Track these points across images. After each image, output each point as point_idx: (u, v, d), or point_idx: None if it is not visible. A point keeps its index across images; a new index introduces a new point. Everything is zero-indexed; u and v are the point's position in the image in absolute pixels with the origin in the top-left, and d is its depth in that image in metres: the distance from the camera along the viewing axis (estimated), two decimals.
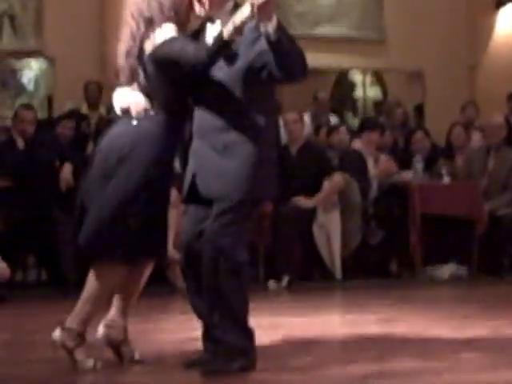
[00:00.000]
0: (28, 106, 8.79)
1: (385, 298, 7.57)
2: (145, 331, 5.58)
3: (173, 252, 7.90)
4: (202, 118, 4.22)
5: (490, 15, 12.60)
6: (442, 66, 12.13)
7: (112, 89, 4.47)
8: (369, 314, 6.39)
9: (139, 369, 4.43)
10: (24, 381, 4.27)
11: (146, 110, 4.26)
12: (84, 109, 9.77)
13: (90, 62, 10.43)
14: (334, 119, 10.43)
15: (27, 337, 5.73)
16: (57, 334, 4.28)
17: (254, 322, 5.89)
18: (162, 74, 4.14)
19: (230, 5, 4.13)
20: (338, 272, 8.65)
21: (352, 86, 12.55)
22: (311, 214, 8.49)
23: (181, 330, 5.67)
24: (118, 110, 4.34)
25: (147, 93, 4.24)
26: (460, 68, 12.36)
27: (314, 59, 11.18)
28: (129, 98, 4.27)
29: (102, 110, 9.62)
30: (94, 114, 9.65)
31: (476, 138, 9.91)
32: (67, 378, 4.29)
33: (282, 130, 9.22)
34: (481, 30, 12.56)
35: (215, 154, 4.17)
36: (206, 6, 4.14)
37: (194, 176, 4.23)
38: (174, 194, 8.40)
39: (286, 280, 8.12)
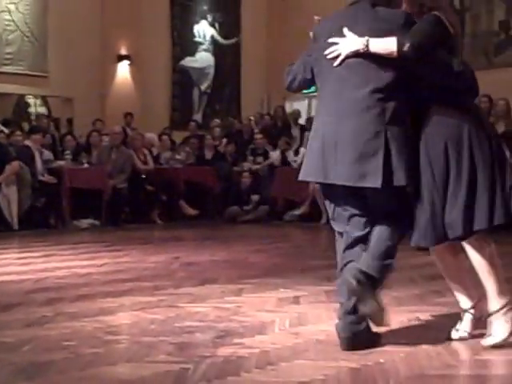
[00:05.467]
0: None
1: (45, 241, 8.10)
2: None
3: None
4: None
5: (113, 65, 13.78)
6: (86, 94, 13.23)
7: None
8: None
9: None
10: None
11: None
12: None
13: None
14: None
15: None
16: None
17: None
18: None
19: None
20: (16, 225, 9.44)
21: (27, 106, 13.20)
22: None
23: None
24: None
25: None
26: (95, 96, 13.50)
27: (2, 88, 12.40)
28: None
29: None
30: None
31: (105, 139, 11.18)
32: None
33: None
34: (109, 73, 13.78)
35: None
36: None
37: None
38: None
39: None
